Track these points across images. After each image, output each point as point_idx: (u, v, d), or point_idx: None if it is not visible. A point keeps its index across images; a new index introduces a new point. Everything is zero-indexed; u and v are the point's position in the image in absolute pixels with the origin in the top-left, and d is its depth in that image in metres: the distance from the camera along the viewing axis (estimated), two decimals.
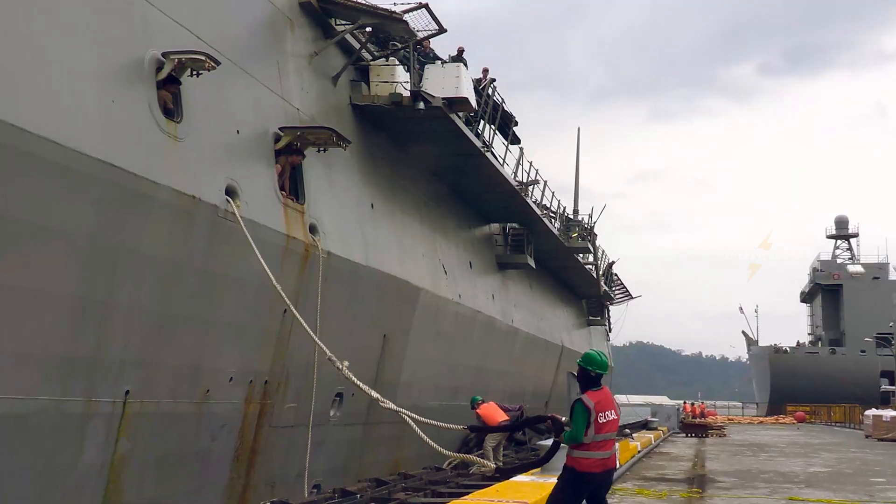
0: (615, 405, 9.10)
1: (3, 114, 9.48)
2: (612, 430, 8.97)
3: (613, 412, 9.00)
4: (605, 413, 8.86)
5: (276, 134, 15.44)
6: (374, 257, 19.04)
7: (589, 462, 8.79)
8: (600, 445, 8.83)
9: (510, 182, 26.97)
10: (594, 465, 8.81)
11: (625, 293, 58.40)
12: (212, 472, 14.37)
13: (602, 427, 8.82)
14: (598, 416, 8.76)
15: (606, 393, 9.06)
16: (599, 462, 8.84)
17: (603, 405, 8.88)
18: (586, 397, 8.83)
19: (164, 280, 12.42)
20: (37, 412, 10.58)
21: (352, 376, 10.51)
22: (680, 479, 19.35)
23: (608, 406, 8.95)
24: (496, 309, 30.19)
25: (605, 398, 8.95)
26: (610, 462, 9.04)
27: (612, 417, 8.96)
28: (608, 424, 8.90)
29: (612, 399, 9.13)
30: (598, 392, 8.94)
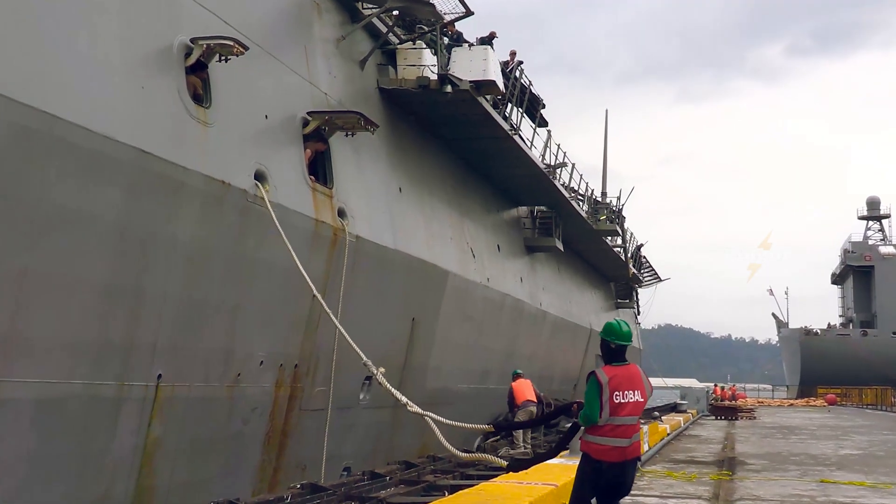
0: (643, 385, 7.82)
1: (36, 101, 9.56)
2: (632, 413, 7.69)
3: (638, 393, 7.73)
4: (624, 393, 7.64)
5: (304, 118, 15.47)
6: (402, 241, 19.06)
7: (602, 449, 7.64)
8: (615, 430, 7.61)
9: (538, 165, 26.89)
10: (608, 452, 7.63)
11: (653, 276, 58.12)
12: (243, 455, 14.48)
13: (618, 408, 7.59)
14: (612, 395, 7.55)
15: (632, 370, 7.85)
16: (614, 450, 7.63)
17: (622, 382, 7.67)
18: (601, 371, 7.70)
19: (195, 265, 12.49)
20: (71, 396, 10.69)
21: (386, 383, 10.44)
22: (709, 461, 19.28)
23: (630, 385, 7.72)
24: (524, 292, 30.16)
25: (626, 375, 7.75)
26: (629, 451, 7.72)
27: (634, 399, 7.69)
28: (627, 406, 7.65)
29: (640, 378, 7.85)
30: (619, 367, 7.79)
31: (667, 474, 16.07)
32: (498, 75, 20.87)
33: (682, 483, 14.97)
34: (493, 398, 27.97)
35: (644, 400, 7.80)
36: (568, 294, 38.48)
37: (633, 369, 7.84)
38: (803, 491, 13.96)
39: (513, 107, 24.53)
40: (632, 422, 7.69)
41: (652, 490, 13.93)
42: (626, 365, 7.84)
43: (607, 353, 7.96)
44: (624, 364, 7.83)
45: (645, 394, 7.82)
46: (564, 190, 31.44)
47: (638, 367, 7.92)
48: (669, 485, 14.72)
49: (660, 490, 13.96)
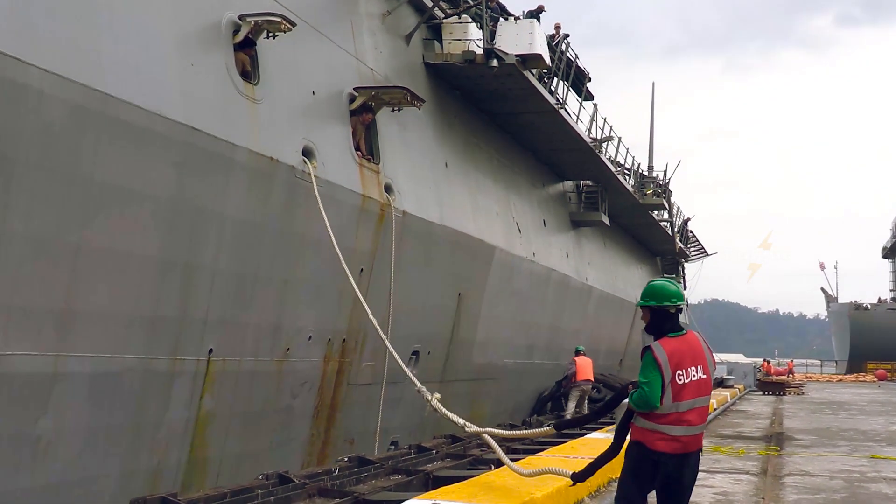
0: (705, 357, 6.40)
1: (89, 79, 9.68)
2: (699, 393, 6.28)
3: (701, 369, 6.30)
4: (687, 370, 6.23)
5: (350, 94, 15.50)
6: (448, 216, 19.08)
7: (663, 438, 6.26)
8: (681, 418, 6.22)
9: (584, 139, 26.73)
10: (668, 443, 6.26)
11: (700, 250, 57.62)
12: (293, 429, 14.65)
13: (682, 390, 6.19)
14: (675, 376, 6.14)
15: (692, 340, 6.39)
16: (676, 441, 6.26)
17: (684, 358, 6.25)
18: (658, 346, 6.26)
19: (244, 240, 12.62)
20: (125, 370, 10.88)
21: (441, 407, 10.34)
22: (757, 436, 19.19)
23: (692, 359, 6.30)
24: (570, 267, 30.09)
25: (687, 347, 6.31)
26: (693, 443, 6.37)
27: (699, 376, 6.27)
28: (693, 386, 6.24)
29: (702, 348, 6.41)
30: (677, 339, 6.33)
31: (714, 450, 16.02)
32: (544, 49, 20.74)
33: (729, 458, 14.92)
34: (539, 373, 28.02)
35: (709, 376, 6.38)
36: (614, 269, 38.33)
37: (692, 339, 6.41)
38: (853, 466, 13.85)
39: (559, 81, 24.39)
40: (700, 404, 6.31)
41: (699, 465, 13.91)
42: (684, 335, 6.39)
43: (657, 323, 6.48)
44: (681, 334, 6.39)
45: (708, 368, 6.40)
46: (611, 164, 31.24)
47: (696, 334, 6.49)
48: (717, 460, 14.67)
49: (707, 465, 13.92)
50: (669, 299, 6.49)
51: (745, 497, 10.89)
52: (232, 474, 12.56)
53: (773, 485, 12.02)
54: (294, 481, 10.99)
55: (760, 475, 12.94)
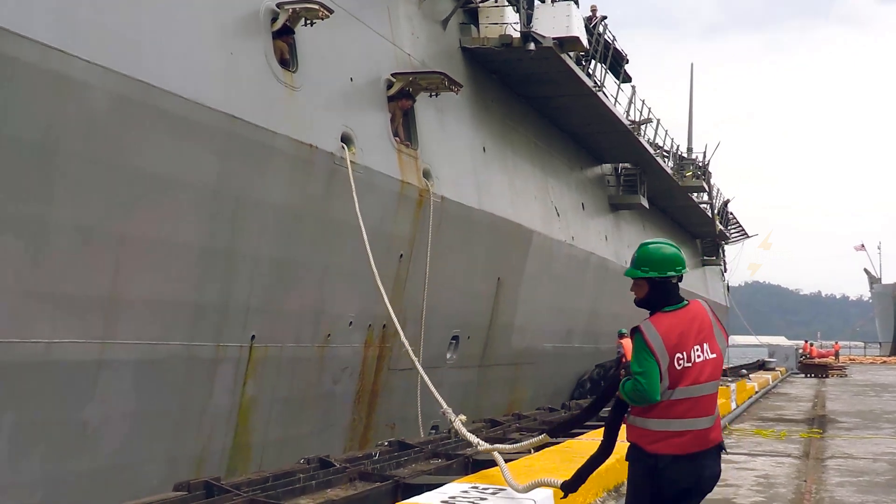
0: (713, 332, 5.12)
1: (131, 70, 9.78)
2: (707, 377, 5.01)
3: (708, 347, 5.05)
4: (690, 350, 4.98)
5: (388, 80, 15.53)
6: (486, 201, 19.08)
7: (660, 436, 4.98)
8: (682, 407, 4.95)
9: (622, 121, 26.60)
10: (671, 441, 4.96)
11: (740, 232, 57.21)
12: (334, 414, 14.77)
13: (683, 375, 4.94)
14: (673, 360, 4.92)
15: (694, 312, 5.13)
16: (682, 437, 4.96)
17: (683, 336, 4.99)
18: (648, 325, 5.01)
19: (285, 227, 12.71)
20: (170, 357, 11.02)
21: (462, 428, 9.97)
22: (799, 419, 19.07)
23: (697, 336, 5.03)
24: (609, 250, 29.99)
25: (687, 323, 5.06)
26: (703, 439, 5.03)
27: (705, 357, 5.01)
28: (697, 369, 4.98)
29: (709, 323, 5.14)
30: (674, 313, 5.08)
31: (755, 432, 15.95)
32: (581, 31, 20.64)
33: (771, 441, 14.85)
34: (578, 357, 28.00)
35: (719, 355, 5.11)
36: None
37: (696, 311, 5.15)
38: None
39: (596, 63, 24.27)
40: (708, 391, 5.03)
41: (740, 448, 13.86)
42: (685, 307, 5.14)
43: (657, 297, 5.19)
44: (682, 307, 5.13)
45: (718, 345, 5.11)
46: (649, 146, 31.07)
47: (702, 303, 5.27)
48: (758, 443, 14.62)
49: (748, 448, 13.88)
50: (673, 267, 5.19)
51: (786, 480, 10.84)
52: (275, 460, 12.68)
53: (816, 467, 11.96)
54: (335, 465, 11.06)
55: (803, 458, 12.87)
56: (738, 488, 10.17)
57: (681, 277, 5.26)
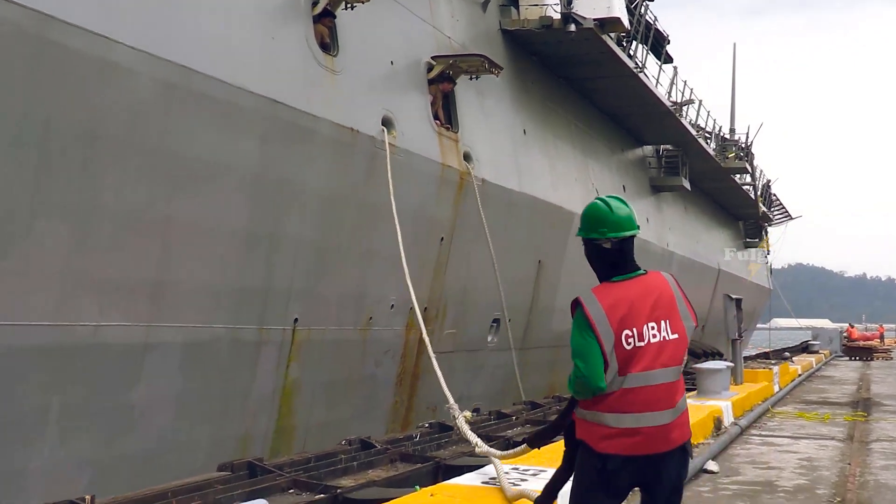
0: (676, 309, 4.34)
1: (175, 56, 9.86)
2: (666, 360, 4.24)
3: (668, 325, 4.26)
4: (642, 329, 4.21)
5: (428, 63, 15.53)
6: (527, 183, 19.05)
7: (611, 433, 4.22)
8: (638, 398, 4.20)
9: (664, 103, 26.40)
10: (622, 440, 4.21)
11: (784, 213, 56.61)
12: (376, 396, 14.86)
13: (637, 357, 4.20)
14: (621, 338, 4.19)
15: (650, 284, 4.37)
16: (636, 435, 4.21)
17: (633, 311, 4.23)
18: (591, 297, 4.29)
19: (327, 211, 12.78)
20: (214, 340, 11.14)
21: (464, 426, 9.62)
22: (843, 402, 18.92)
23: (651, 312, 4.26)
24: (651, 232, 29.82)
25: (639, 295, 4.29)
26: (662, 437, 4.25)
27: (662, 336, 4.24)
28: (653, 351, 4.22)
29: (669, 295, 4.36)
30: (624, 284, 4.34)
31: (798, 415, 15.86)
32: (622, 12, 20.47)
33: (814, 424, 14.76)
34: None
35: (682, 336, 4.31)
36: (695, 234, 37.88)
37: (652, 282, 4.38)
38: None
39: (637, 44, 24.10)
40: (667, 378, 4.25)
41: (783, 431, 13.80)
42: (639, 277, 4.39)
43: (595, 263, 4.48)
44: (634, 276, 4.39)
45: (681, 324, 4.33)
46: (691, 127, 30.81)
47: (665, 275, 4.48)
48: (801, 426, 14.54)
49: (791, 431, 13.81)
50: (597, 228, 4.42)
51: (830, 463, 10.78)
52: (318, 442, 12.80)
53: (860, 451, 11.87)
54: (376, 447, 11.17)
55: (847, 441, 12.78)
56: (780, 471, 10.13)
57: (622, 241, 4.42)
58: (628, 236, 4.43)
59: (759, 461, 10.88)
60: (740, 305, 19.34)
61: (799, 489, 9.11)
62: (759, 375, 19.86)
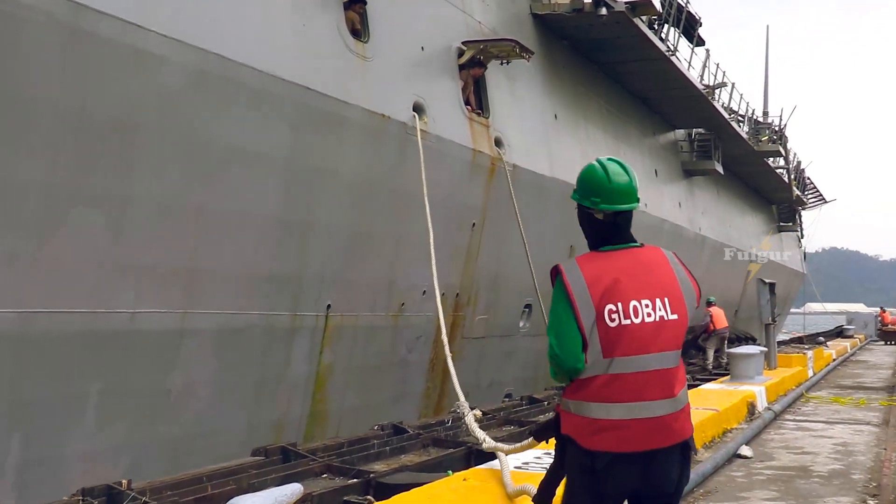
0: (675, 287, 3.82)
1: (207, 43, 9.92)
2: (661, 345, 3.69)
3: (663, 303, 3.73)
4: (630, 305, 3.67)
5: (459, 48, 15.50)
6: (558, 168, 18.99)
7: (596, 426, 3.67)
8: (629, 385, 3.65)
9: (696, 86, 26.21)
10: (613, 436, 3.65)
11: (818, 197, 56.10)
12: (408, 382, 14.91)
13: (625, 337, 3.64)
14: (604, 313, 3.65)
15: (648, 256, 3.89)
16: (629, 430, 3.65)
17: (619, 284, 3.70)
18: (572, 265, 3.79)
19: (359, 198, 12.81)
20: (248, 326, 11.23)
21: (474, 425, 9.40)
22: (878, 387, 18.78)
23: (644, 287, 3.73)
24: (683, 217, 29.67)
25: (629, 267, 3.78)
26: (666, 430, 3.69)
27: (658, 316, 3.70)
28: (646, 332, 3.67)
29: (669, 272, 3.87)
30: (613, 253, 3.84)
31: (833, 400, 15.77)
32: None
33: (849, 409, 14.66)
34: None
35: (682, 317, 3.77)
36: (728, 218, 37.62)
37: (649, 255, 3.90)
38: None
39: (669, 27, 23.93)
40: (664, 363, 3.70)
41: (817, 416, 13.73)
42: (631, 248, 3.89)
43: (590, 230, 3.99)
44: (625, 247, 3.89)
45: (683, 304, 3.80)
46: (724, 111, 30.57)
47: (664, 250, 3.98)
48: (836, 410, 14.45)
49: (826, 416, 13.73)
50: (589, 196, 3.91)
51: (865, 448, 10.71)
52: (351, 427, 12.88)
53: None
54: (408, 432, 11.22)
55: (882, 426, 12.70)
56: (815, 456, 10.08)
57: (617, 214, 3.88)
58: (624, 210, 3.88)
59: (794, 446, 10.84)
60: (774, 290, 19.23)
61: (834, 474, 9.07)
62: (792, 360, 19.76)
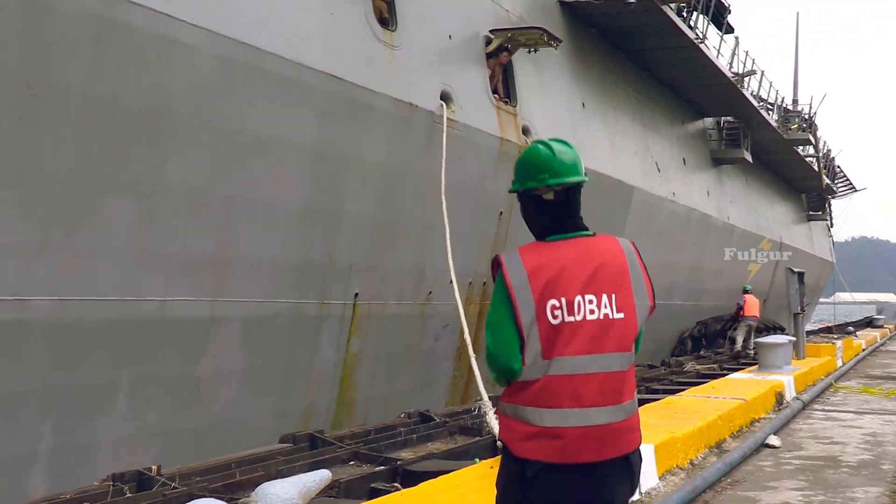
0: (625, 282, 3.35)
1: (236, 33, 9.96)
2: (610, 346, 3.26)
3: (611, 300, 3.29)
4: (574, 301, 3.23)
5: (486, 37, 15.48)
6: (586, 157, 18.83)
7: (532, 433, 3.24)
8: (566, 389, 3.21)
9: (725, 74, 26.03)
10: (546, 445, 3.22)
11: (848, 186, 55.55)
12: (435, 370, 14.95)
13: (565, 335, 3.22)
14: (546, 310, 3.22)
15: (597, 246, 3.41)
16: (563, 439, 3.20)
17: (563, 277, 3.26)
18: (513, 256, 3.33)
19: (386, 186, 12.84)
20: (276, 315, 11.30)
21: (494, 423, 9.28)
22: None
23: (590, 282, 3.28)
24: (711, 206, 29.51)
25: (576, 258, 3.33)
26: (607, 441, 3.24)
27: (603, 314, 3.26)
28: (590, 331, 3.24)
29: (617, 264, 3.38)
30: (559, 244, 3.38)
31: (862, 390, 15.65)
32: None
33: (879, 399, 14.55)
34: (680, 314, 27.71)
35: (630, 315, 3.33)
36: (756, 207, 37.37)
37: (598, 246, 3.42)
38: None
39: (698, 14, 23.75)
40: (608, 366, 3.27)
41: (846, 406, 13.64)
42: (581, 237, 3.45)
43: (539, 219, 3.52)
44: (574, 236, 3.45)
45: (632, 301, 3.35)
46: (753, 99, 30.35)
47: (621, 240, 3.52)
48: (865, 400, 14.34)
49: (855, 406, 13.63)
50: (535, 175, 3.50)
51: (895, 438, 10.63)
52: (378, 415, 12.94)
53: None
54: (435, 419, 11.26)
55: None
56: (844, 446, 10.02)
57: (567, 191, 3.53)
58: (574, 184, 3.55)
59: (822, 436, 10.78)
60: (803, 279, 19.10)
61: (863, 464, 9.01)
62: (821, 350, 19.62)
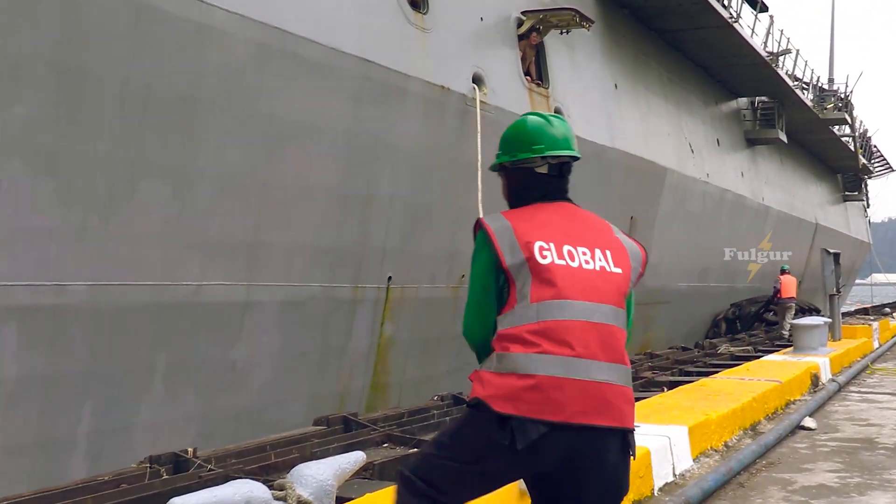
0: (616, 241, 3.27)
1: (269, 18, 9.98)
2: (607, 296, 3.02)
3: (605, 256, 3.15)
4: (564, 249, 3.07)
5: (518, 18, 15.41)
6: (619, 139, 18.84)
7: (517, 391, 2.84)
8: (560, 333, 2.89)
9: (760, 53, 25.75)
10: (539, 398, 2.81)
11: (885, 165, 54.88)
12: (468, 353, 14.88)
13: (557, 275, 2.97)
14: (535, 252, 3.01)
15: (583, 212, 3.36)
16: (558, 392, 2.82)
17: (548, 226, 3.15)
18: (497, 215, 3.21)
19: (419, 170, 12.84)
20: (311, 298, 11.35)
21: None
22: None
23: (580, 235, 3.18)
24: (746, 187, 29.28)
25: (560, 216, 3.25)
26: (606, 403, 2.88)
27: (604, 267, 3.09)
28: (585, 277, 3.02)
29: (604, 225, 3.35)
30: (540, 205, 3.27)
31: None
32: None
33: None
34: (714, 296, 27.58)
35: (625, 272, 3.15)
36: (792, 187, 37.04)
37: (582, 211, 3.38)
38: None
39: None
40: (605, 317, 2.99)
41: (883, 388, 13.53)
42: (564, 202, 3.37)
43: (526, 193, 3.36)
44: (555, 201, 3.35)
45: (627, 258, 3.21)
46: (788, 78, 30.03)
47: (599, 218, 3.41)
48: None
49: (892, 387, 13.52)
50: (529, 146, 3.35)
51: None
52: (412, 398, 12.98)
53: None
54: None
55: None
56: (881, 428, 9.94)
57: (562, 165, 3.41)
58: (568, 158, 3.38)
59: (858, 418, 10.69)
60: (838, 260, 18.93)
61: None
62: (857, 331, 19.45)
